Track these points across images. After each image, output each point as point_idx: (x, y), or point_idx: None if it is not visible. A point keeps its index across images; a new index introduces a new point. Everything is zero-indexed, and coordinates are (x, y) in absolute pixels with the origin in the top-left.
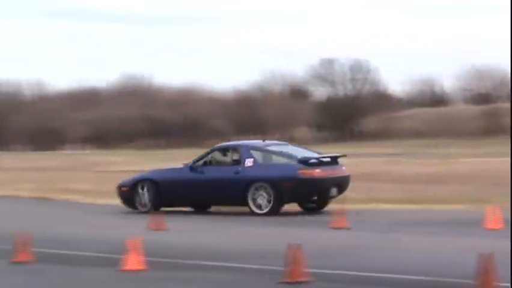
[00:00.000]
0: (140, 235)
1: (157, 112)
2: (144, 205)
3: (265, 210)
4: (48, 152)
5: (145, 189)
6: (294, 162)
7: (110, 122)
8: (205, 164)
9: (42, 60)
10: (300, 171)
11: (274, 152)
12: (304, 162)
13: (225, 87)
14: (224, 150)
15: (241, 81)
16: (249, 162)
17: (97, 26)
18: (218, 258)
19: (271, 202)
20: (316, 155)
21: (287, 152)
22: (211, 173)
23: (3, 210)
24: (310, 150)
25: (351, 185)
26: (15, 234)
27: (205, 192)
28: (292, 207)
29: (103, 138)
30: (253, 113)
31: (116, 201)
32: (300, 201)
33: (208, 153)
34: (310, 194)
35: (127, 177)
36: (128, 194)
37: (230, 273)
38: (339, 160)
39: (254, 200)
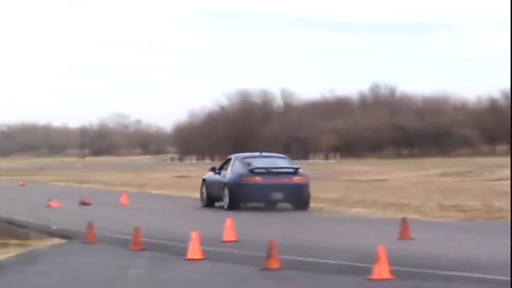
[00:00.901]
0: (386, 244)
1: (404, 121)
2: (204, 200)
3: (226, 206)
4: (297, 161)
5: (203, 187)
6: (246, 171)
7: (358, 131)
8: (224, 169)
9: (290, 70)
10: (243, 178)
11: (242, 162)
12: (251, 170)
13: (474, 96)
14: (229, 159)
15: (491, 89)
16: (229, 169)
17: (343, 36)
18: (467, 268)
19: (228, 201)
20: (272, 166)
21: (249, 162)
22: (218, 176)
23: (254, 218)
24: (287, 161)
25: None
26: (265, 242)
27: (215, 191)
28: None
29: (350, 147)
30: (503, 121)
31: (364, 210)
32: (246, 201)
33: (226, 161)
34: (251, 197)
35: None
36: (200, 189)
37: (480, 285)
38: (301, 171)
39: (225, 198)
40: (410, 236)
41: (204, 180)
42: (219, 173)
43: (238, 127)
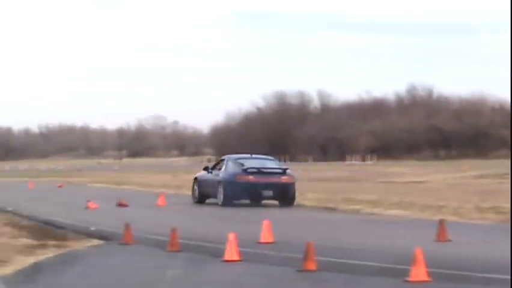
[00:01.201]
0: (423, 246)
1: (442, 122)
2: (195, 197)
3: (220, 203)
4: (333, 163)
5: (195, 185)
6: (239, 170)
7: (395, 132)
8: (217, 169)
9: (327, 71)
10: (237, 177)
11: (236, 163)
12: (245, 170)
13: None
14: (222, 160)
15: None
16: (223, 168)
17: (380, 37)
18: (504, 271)
19: (223, 197)
20: (262, 167)
21: (242, 163)
22: (211, 175)
23: (290, 219)
24: (276, 163)
25: None
26: (302, 243)
27: (208, 188)
28: None
29: (387, 148)
30: None
31: (401, 212)
32: (239, 198)
33: (219, 161)
34: (245, 193)
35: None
36: (192, 187)
37: None
38: (288, 171)
39: (220, 195)
40: (447, 238)
41: (196, 178)
42: (211, 173)
43: (274, 128)
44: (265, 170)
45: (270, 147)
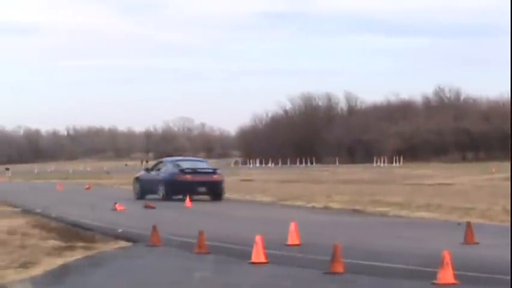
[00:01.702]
0: (451, 248)
1: (469, 124)
2: (137, 193)
3: (161, 198)
4: (361, 165)
5: (137, 183)
6: (177, 171)
7: (422, 134)
8: (156, 169)
9: (354, 73)
10: (176, 176)
11: (174, 164)
12: (182, 170)
13: None
14: (162, 161)
15: None
16: (163, 169)
17: (407, 39)
18: None
19: (164, 193)
20: (197, 167)
21: (179, 164)
22: (151, 175)
23: (316, 221)
24: (207, 164)
25: None
26: (329, 245)
27: (149, 186)
28: None
29: (414, 150)
30: None
31: (428, 214)
32: (178, 194)
33: (158, 163)
34: (183, 190)
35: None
36: (133, 185)
37: None
38: (218, 171)
39: (160, 192)
40: (475, 240)
41: (137, 177)
42: (151, 173)
43: (301, 130)
44: (199, 170)
45: (296, 149)
